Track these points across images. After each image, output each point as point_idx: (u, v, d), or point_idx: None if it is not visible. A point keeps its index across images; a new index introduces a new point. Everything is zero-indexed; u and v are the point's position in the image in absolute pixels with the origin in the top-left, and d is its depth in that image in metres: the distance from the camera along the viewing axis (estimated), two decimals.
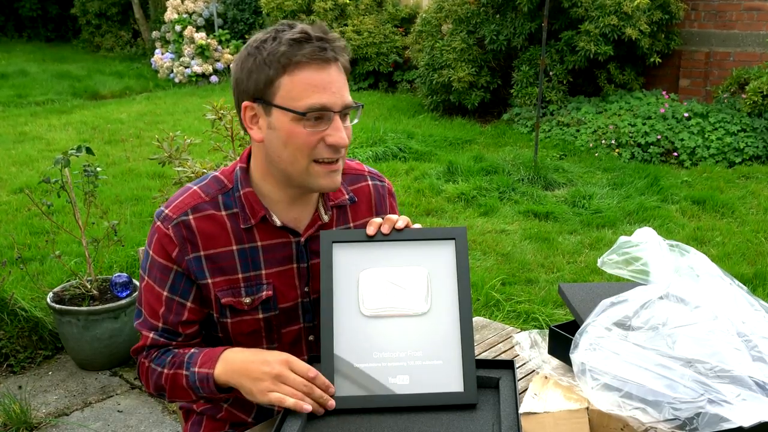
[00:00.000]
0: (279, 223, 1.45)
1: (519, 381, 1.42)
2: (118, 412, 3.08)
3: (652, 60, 7.36)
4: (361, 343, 1.35)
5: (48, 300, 3.31)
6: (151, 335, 1.46)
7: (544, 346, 1.47)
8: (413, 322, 1.36)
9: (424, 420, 1.29)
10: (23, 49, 14.62)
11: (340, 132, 1.35)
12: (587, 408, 1.22)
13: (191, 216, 1.43)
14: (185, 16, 11.55)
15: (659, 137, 6.67)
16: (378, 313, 1.36)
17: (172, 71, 11.36)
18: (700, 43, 7.71)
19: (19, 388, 3.22)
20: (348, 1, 9.93)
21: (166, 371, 1.43)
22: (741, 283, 1.37)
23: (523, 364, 1.55)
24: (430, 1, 9.08)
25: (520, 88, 7.74)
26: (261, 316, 1.48)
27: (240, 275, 1.45)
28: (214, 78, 11.15)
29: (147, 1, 13.85)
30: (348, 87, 1.39)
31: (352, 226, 1.56)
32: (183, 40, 11.37)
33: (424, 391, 1.32)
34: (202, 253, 1.43)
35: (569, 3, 7.19)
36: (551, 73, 7.54)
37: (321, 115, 1.34)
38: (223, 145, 3.37)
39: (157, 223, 1.44)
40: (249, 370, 1.33)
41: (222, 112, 3.19)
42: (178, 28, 11.44)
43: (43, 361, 3.46)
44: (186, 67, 11.24)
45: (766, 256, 4.44)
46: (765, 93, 6.57)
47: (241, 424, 1.59)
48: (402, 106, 8.92)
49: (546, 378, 1.35)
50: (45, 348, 3.49)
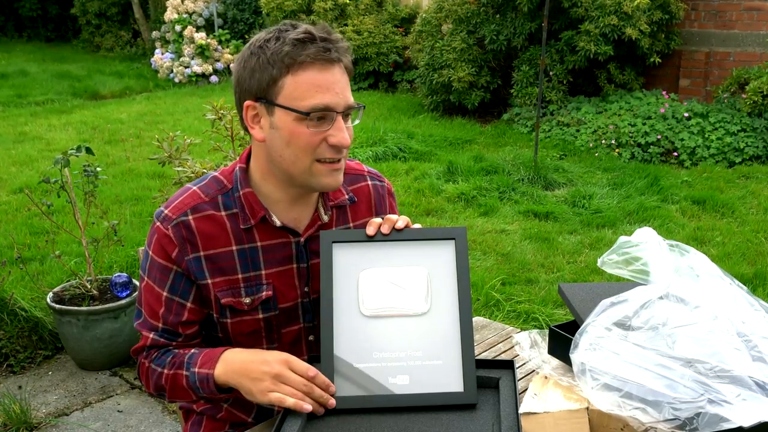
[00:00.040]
0: (279, 223, 1.45)
1: (519, 381, 1.42)
2: (118, 412, 3.08)
3: (652, 60, 7.36)
4: (361, 343, 1.35)
5: (48, 300, 3.31)
6: (151, 335, 1.46)
7: (544, 346, 1.47)
8: (413, 322, 1.36)
9: (424, 420, 1.29)
10: (23, 49, 14.62)
11: (343, 132, 1.36)
12: (587, 408, 1.22)
13: (191, 216, 1.43)
14: (185, 16, 11.55)
15: (659, 137, 6.67)
16: (378, 313, 1.36)
17: (172, 71, 11.37)
18: (700, 43, 7.71)
19: (19, 388, 3.22)
20: (348, 1, 9.93)
21: (166, 371, 1.43)
22: (741, 283, 1.37)
23: (523, 364, 1.55)
24: (430, 1, 9.08)
25: (520, 88, 7.74)
26: (261, 316, 1.48)
27: (240, 275, 1.45)
28: (214, 78, 11.15)
29: (147, 1, 13.85)
30: (350, 88, 1.39)
31: (351, 226, 1.56)
32: (183, 40, 11.37)
33: (424, 391, 1.32)
34: (201, 253, 1.43)
35: (569, 3, 7.19)
36: (551, 73, 7.54)
37: (324, 115, 1.34)
38: (223, 145, 3.37)
39: (157, 223, 1.44)
40: (249, 370, 1.33)
41: (222, 112, 3.19)
42: (178, 28, 11.45)
43: (43, 361, 3.46)
44: (186, 67, 11.25)
45: (766, 256, 4.44)
46: (765, 93, 6.57)
47: (241, 424, 1.59)
48: (402, 106, 8.92)
49: (546, 378, 1.35)
50: (45, 348, 3.49)
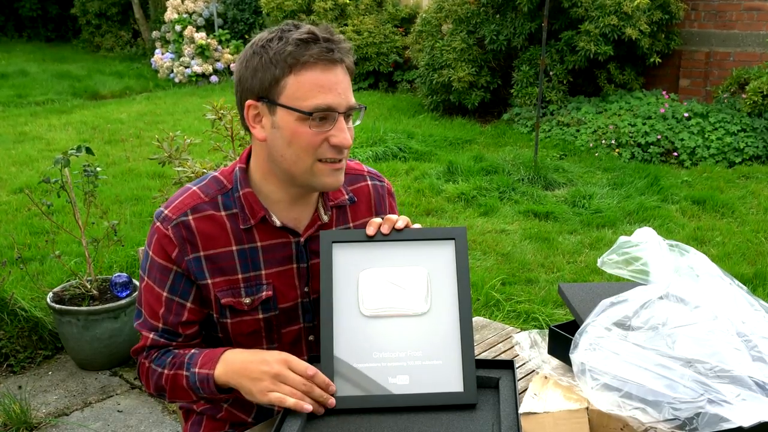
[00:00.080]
0: (279, 223, 1.45)
1: (519, 381, 1.42)
2: (118, 412, 3.08)
3: (652, 60, 7.36)
4: (360, 343, 1.35)
5: (48, 300, 3.31)
6: (151, 336, 1.46)
7: (544, 346, 1.47)
8: (413, 322, 1.36)
9: (424, 420, 1.29)
10: (23, 49, 14.62)
11: (344, 133, 1.36)
12: (587, 408, 1.22)
13: (191, 216, 1.43)
14: (185, 16, 11.55)
15: (659, 137, 6.67)
16: (378, 313, 1.36)
17: (172, 71, 11.37)
18: (700, 43, 7.71)
19: (19, 388, 3.22)
20: (348, 1, 9.93)
21: (166, 372, 1.43)
22: (741, 283, 1.37)
23: (523, 364, 1.55)
24: (430, 1, 9.08)
25: (520, 88, 7.74)
26: (261, 316, 1.48)
27: (240, 275, 1.45)
28: (214, 78, 11.15)
29: (147, 1, 13.85)
30: (352, 88, 1.39)
31: (351, 226, 1.56)
32: (183, 40, 11.37)
33: (424, 391, 1.32)
34: (201, 253, 1.43)
35: (569, 3, 7.19)
36: (551, 73, 7.54)
37: (326, 115, 1.34)
38: (223, 145, 3.37)
39: (157, 223, 1.44)
40: (248, 370, 1.33)
41: (222, 112, 3.19)
42: (178, 28, 11.45)
43: (43, 361, 3.46)
44: (186, 67, 11.25)
45: (766, 256, 4.44)
46: (765, 93, 6.57)
47: (241, 424, 1.59)
48: (402, 106, 8.92)
49: (546, 378, 1.35)
50: (45, 348, 3.49)
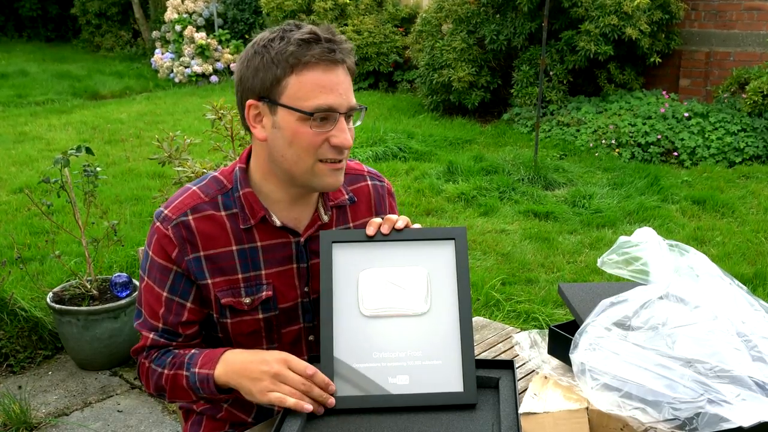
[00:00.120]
0: (279, 223, 1.45)
1: (519, 381, 1.42)
2: (118, 412, 3.08)
3: (652, 60, 7.35)
4: (360, 343, 1.34)
5: (48, 300, 3.31)
6: (151, 336, 1.46)
7: (544, 346, 1.47)
8: (413, 322, 1.36)
9: (424, 420, 1.29)
10: (23, 49, 14.62)
11: (345, 133, 1.36)
12: (587, 408, 1.22)
13: (191, 216, 1.43)
14: (185, 16, 11.55)
15: (659, 137, 6.67)
16: (378, 313, 1.36)
17: (172, 71, 11.37)
18: (700, 43, 7.71)
19: (19, 388, 3.22)
20: (348, 0, 9.93)
21: (166, 372, 1.43)
22: (741, 283, 1.37)
23: (523, 364, 1.55)
24: (430, 1, 9.08)
25: (520, 88, 7.74)
26: (261, 316, 1.48)
27: (240, 275, 1.45)
28: (214, 78, 11.15)
29: (147, 1, 13.85)
30: (353, 89, 1.39)
31: (351, 226, 1.56)
32: (183, 40, 11.37)
33: (424, 391, 1.32)
34: (201, 253, 1.43)
35: (569, 3, 7.19)
36: (551, 73, 7.54)
37: (327, 115, 1.34)
38: (223, 145, 3.37)
39: (157, 223, 1.44)
40: (248, 370, 1.33)
41: (222, 112, 3.19)
42: (178, 28, 11.44)
43: (43, 361, 3.46)
44: (186, 67, 11.25)
45: (766, 256, 4.44)
46: (765, 93, 6.57)
47: (241, 424, 1.59)
48: (402, 106, 8.91)
49: (546, 378, 1.35)
50: (45, 348, 3.49)
